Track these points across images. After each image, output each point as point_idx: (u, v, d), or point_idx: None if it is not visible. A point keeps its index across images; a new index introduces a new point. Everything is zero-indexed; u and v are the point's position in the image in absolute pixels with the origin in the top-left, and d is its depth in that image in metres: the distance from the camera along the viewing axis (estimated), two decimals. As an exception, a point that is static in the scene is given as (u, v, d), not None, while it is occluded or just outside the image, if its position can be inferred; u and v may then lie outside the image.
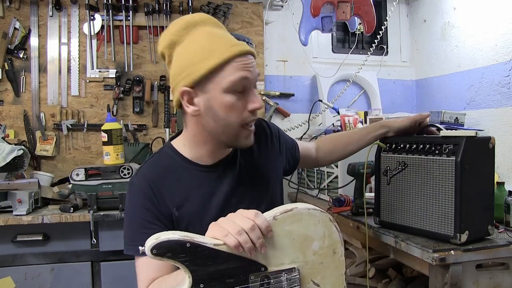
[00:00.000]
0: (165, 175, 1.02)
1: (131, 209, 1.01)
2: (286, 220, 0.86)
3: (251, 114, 0.97)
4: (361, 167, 1.56)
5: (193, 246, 0.79)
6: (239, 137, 0.99)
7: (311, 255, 0.89)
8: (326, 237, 0.90)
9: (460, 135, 1.23)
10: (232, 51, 0.92)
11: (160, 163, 1.05)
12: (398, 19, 3.01)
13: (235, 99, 0.94)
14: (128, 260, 1.82)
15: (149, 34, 2.49)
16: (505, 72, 2.21)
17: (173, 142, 1.09)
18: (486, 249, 1.23)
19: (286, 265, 0.86)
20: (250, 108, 0.96)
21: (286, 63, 2.80)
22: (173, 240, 0.78)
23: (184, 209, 1.01)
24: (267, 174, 1.12)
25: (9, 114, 2.37)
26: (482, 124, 2.36)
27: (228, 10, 2.52)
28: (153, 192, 1.00)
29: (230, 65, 0.92)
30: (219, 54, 0.92)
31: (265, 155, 1.14)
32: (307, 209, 0.87)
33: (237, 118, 0.96)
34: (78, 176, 1.82)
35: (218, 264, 0.81)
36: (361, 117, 2.51)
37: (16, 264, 1.80)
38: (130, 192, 1.03)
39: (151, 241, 0.77)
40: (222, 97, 0.93)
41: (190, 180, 1.03)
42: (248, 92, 0.96)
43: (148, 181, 1.01)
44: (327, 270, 0.91)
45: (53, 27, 2.42)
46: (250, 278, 0.83)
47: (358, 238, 1.66)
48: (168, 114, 2.54)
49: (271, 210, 0.88)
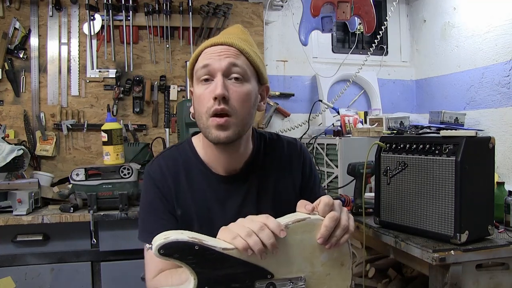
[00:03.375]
0: (179, 172, 1.03)
1: (146, 198, 1.04)
2: (298, 229, 0.85)
3: (214, 102, 0.92)
4: (361, 167, 1.56)
5: (201, 249, 0.78)
6: (209, 129, 0.94)
7: (319, 266, 0.88)
8: (336, 249, 0.88)
9: (460, 135, 1.23)
10: (203, 46, 0.97)
11: (177, 157, 1.05)
12: (398, 19, 3.01)
13: (203, 89, 0.95)
14: (128, 260, 1.84)
15: (149, 34, 2.49)
16: (505, 72, 2.21)
17: (193, 138, 1.09)
18: (486, 249, 1.23)
19: (293, 274, 0.85)
20: (212, 96, 0.92)
21: (286, 63, 2.80)
22: (182, 241, 0.77)
23: (187, 211, 1.01)
24: (278, 199, 1.07)
25: (9, 114, 2.37)
26: (482, 124, 2.36)
27: (228, 10, 2.52)
28: (164, 184, 1.02)
29: (201, 57, 0.97)
30: (198, 49, 0.99)
31: (283, 180, 1.08)
32: (320, 220, 0.86)
33: (203, 108, 0.94)
34: (78, 176, 1.82)
35: (225, 268, 0.80)
36: (361, 117, 2.51)
37: (16, 264, 1.79)
38: (145, 181, 1.05)
39: (159, 240, 0.76)
40: (197, 88, 0.97)
41: (200, 185, 1.03)
42: (214, 80, 0.94)
43: (161, 172, 1.03)
44: (333, 281, 0.90)
45: (53, 27, 2.42)
46: (256, 284, 0.82)
47: (358, 238, 1.66)
48: (168, 114, 2.54)
49: (284, 217, 0.87)
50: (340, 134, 2.21)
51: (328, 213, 0.85)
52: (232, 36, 0.97)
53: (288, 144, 1.11)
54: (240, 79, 0.94)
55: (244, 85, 0.95)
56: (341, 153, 2.05)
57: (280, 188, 1.07)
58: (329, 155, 2.19)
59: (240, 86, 0.94)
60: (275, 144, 1.11)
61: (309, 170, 1.13)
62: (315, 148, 2.31)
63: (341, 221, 0.86)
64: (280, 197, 1.06)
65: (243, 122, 0.96)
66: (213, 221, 0.99)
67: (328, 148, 2.20)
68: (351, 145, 2.06)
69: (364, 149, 1.43)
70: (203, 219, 1.01)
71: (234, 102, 0.93)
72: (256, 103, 1.00)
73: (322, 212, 0.86)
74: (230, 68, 0.93)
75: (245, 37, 1.01)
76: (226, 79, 0.94)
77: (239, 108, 0.94)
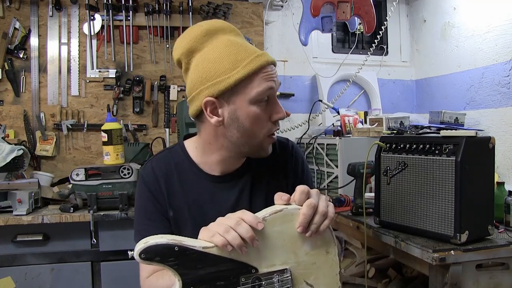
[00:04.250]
0: (171, 175, 1.03)
1: (139, 200, 1.04)
2: (276, 221, 0.85)
3: (275, 124, 0.97)
4: (361, 167, 1.56)
5: (181, 250, 0.78)
6: (263, 147, 0.98)
7: (303, 256, 0.88)
8: (318, 237, 0.88)
9: (460, 135, 1.23)
10: (258, 62, 0.92)
11: (169, 160, 1.05)
12: (398, 19, 3.01)
13: (261, 110, 0.94)
14: (128, 260, 1.83)
15: (149, 34, 2.49)
16: (505, 72, 2.21)
17: (185, 142, 1.08)
18: (486, 249, 1.23)
19: (277, 266, 0.85)
20: (274, 119, 0.96)
21: (286, 63, 2.80)
22: (161, 244, 0.77)
23: (180, 213, 1.01)
24: (271, 199, 1.04)
25: (9, 114, 2.37)
26: (482, 124, 2.36)
27: (228, 10, 2.52)
28: (156, 187, 1.02)
29: (257, 76, 0.92)
30: (246, 65, 0.91)
31: (276, 179, 1.09)
32: (297, 209, 0.86)
33: (262, 129, 0.95)
34: (78, 176, 1.82)
35: (207, 267, 0.80)
36: (361, 117, 2.51)
37: (16, 264, 1.79)
38: (139, 185, 1.06)
39: (139, 245, 0.77)
40: (248, 108, 0.93)
41: (193, 186, 1.03)
42: (272, 102, 0.96)
43: (154, 175, 1.03)
44: (320, 270, 0.89)
45: (53, 27, 2.42)
46: (241, 280, 0.83)
47: (358, 238, 1.66)
48: (168, 114, 2.54)
49: (260, 211, 0.87)
50: (340, 134, 2.21)
51: (305, 201, 0.85)
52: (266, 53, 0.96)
53: (280, 144, 1.11)
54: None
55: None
56: (341, 153, 2.05)
57: (273, 187, 1.06)
58: (329, 155, 2.19)
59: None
60: None
61: (301, 169, 1.13)
62: (315, 148, 2.31)
63: (319, 207, 0.85)
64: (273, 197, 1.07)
65: None
66: (207, 221, 0.99)
67: (328, 148, 2.20)
68: (351, 145, 2.06)
69: (364, 149, 1.43)
70: (197, 220, 1.00)
71: None
72: None
73: (298, 200, 0.86)
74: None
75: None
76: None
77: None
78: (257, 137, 0.96)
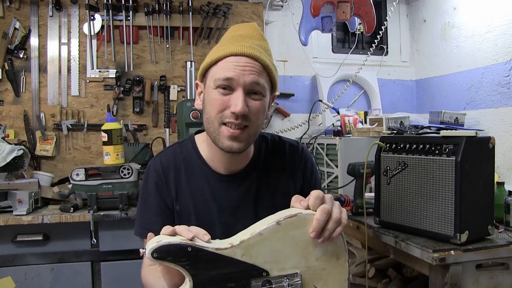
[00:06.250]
0: (179, 169, 1.04)
1: (145, 192, 1.05)
2: (290, 225, 0.84)
3: (231, 115, 0.92)
4: (361, 167, 1.56)
5: (194, 251, 0.78)
6: (220, 136, 0.95)
7: (314, 261, 0.87)
8: (330, 243, 0.87)
9: (460, 135, 1.23)
10: (228, 50, 0.93)
11: (177, 155, 1.06)
12: (398, 19, 3.01)
13: (220, 96, 0.93)
14: (128, 260, 1.84)
15: (149, 34, 2.49)
16: (505, 72, 2.21)
17: (196, 136, 1.09)
18: (486, 249, 1.23)
19: (288, 270, 0.85)
20: (229, 110, 0.92)
21: (286, 63, 2.80)
22: (174, 244, 0.77)
23: (185, 207, 1.01)
24: (278, 200, 1.05)
25: (9, 114, 2.37)
26: (482, 124, 2.36)
27: (228, 10, 2.52)
28: (164, 181, 1.02)
29: (222, 62, 0.93)
30: (220, 50, 0.94)
31: (284, 181, 1.08)
32: (311, 215, 0.85)
33: (217, 114, 0.94)
34: (78, 176, 1.82)
35: (219, 269, 0.80)
36: (361, 117, 2.51)
37: (16, 264, 1.79)
38: (146, 176, 1.06)
39: (152, 244, 0.76)
40: (211, 91, 0.95)
41: (199, 182, 1.03)
42: (236, 94, 0.92)
43: (162, 168, 1.03)
44: (329, 275, 0.89)
45: (53, 27, 2.42)
46: (252, 283, 0.82)
47: (358, 238, 1.66)
48: (168, 114, 2.54)
49: (275, 214, 0.87)
50: (340, 134, 2.21)
51: (319, 206, 0.85)
52: (255, 46, 0.94)
53: (290, 147, 1.12)
54: (259, 94, 0.95)
55: (262, 100, 0.96)
56: (341, 153, 2.05)
57: (280, 189, 1.07)
58: (329, 155, 2.19)
59: (258, 101, 0.95)
60: (277, 146, 1.11)
61: (310, 172, 1.13)
62: (315, 148, 2.32)
63: (332, 213, 0.85)
64: (280, 198, 1.06)
65: (256, 132, 0.98)
66: (211, 218, 1.00)
67: (328, 148, 2.20)
68: (351, 145, 2.06)
69: (364, 149, 1.43)
70: (201, 216, 1.01)
71: (251, 116, 0.94)
72: (266, 112, 1.01)
73: (312, 205, 0.86)
74: (252, 86, 0.93)
75: (265, 45, 0.99)
76: (245, 94, 0.93)
77: (255, 120, 0.95)
78: (212, 122, 0.95)
